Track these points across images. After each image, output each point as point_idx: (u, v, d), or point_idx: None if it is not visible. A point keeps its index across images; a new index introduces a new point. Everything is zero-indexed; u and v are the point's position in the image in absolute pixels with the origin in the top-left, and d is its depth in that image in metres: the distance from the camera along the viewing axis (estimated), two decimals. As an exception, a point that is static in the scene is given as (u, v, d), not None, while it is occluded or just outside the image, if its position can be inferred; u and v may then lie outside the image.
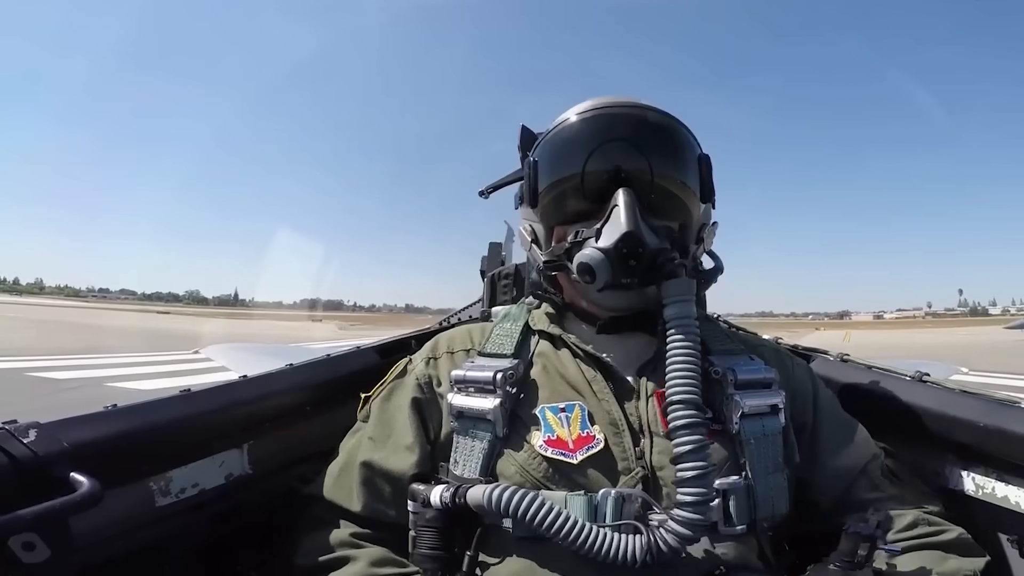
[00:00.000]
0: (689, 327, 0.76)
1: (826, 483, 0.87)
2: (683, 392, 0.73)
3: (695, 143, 0.90)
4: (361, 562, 0.80)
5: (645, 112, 0.88)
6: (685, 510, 0.69)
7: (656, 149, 0.85)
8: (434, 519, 0.77)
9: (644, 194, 0.83)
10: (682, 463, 0.71)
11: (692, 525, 0.69)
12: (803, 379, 0.94)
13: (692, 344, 0.76)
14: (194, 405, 0.91)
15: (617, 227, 0.78)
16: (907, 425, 1.00)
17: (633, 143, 0.85)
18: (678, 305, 0.77)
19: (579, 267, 0.81)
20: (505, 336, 0.93)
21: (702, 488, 0.70)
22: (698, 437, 0.71)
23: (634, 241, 0.78)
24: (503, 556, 0.76)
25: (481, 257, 2.19)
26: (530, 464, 0.79)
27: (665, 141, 0.88)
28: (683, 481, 0.71)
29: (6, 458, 0.62)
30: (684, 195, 0.87)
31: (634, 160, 0.84)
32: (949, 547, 0.78)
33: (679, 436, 0.72)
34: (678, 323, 0.77)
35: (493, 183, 1.25)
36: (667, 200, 0.85)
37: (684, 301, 0.78)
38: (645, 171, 0.84)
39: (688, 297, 0.78)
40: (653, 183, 0.84)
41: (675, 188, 0.86)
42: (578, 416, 0.81)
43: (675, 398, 0.73)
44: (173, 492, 0.86)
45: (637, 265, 0.79)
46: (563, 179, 0.87)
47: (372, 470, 0.87)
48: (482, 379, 0.83)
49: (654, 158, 0.84)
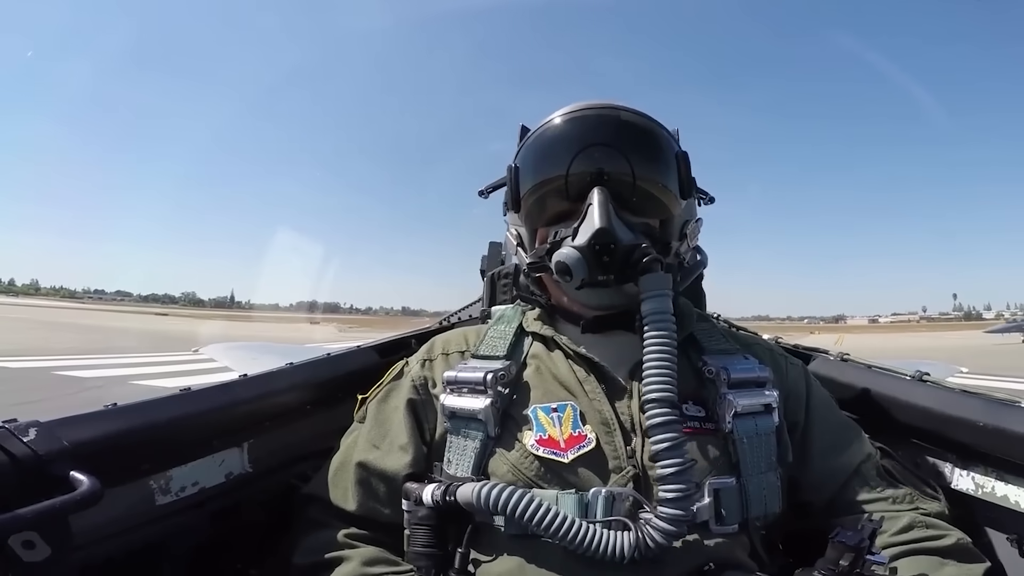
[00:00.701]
0: (665, 322, 0.77)
1: (819, 482, 0.87)
2: (658, 390, 0.73)
3: (672, 141, 0.91)
4: (354, 562, 0.81)
5: (619, 112, 0.88)
6: (667, 506, 0.70)
7: (632, 148, 0.85)
8: (427, 517, 0.78)
9: (623, 193, 0.83)
10: (660, 460, 0.72)
11: (675, 521, 0.70)
12: (797, 379, 0.94)
13: (668, 340, 0.76)
14: (194, 404, 0.91)
15: (590, 224, 0.79)
16: (907, 424, 1.00)
17: (609, 143, 0.85)
18: (654, 300, 0.78)
19: (557, 266, 0.82)
20: (499, 338, 0.94)
21: (681, 484, 0.71)
22: (673, 435, 0.72)
23: (607, 237, 0.78)
24: (495, 553, 0.77)
25: (481, 256, 2.19)
26: (522, 463, 0.79)
27: (641, 140, 0.88)
28: (663, 478, 0.71)
29: (6, 457, 0.63)
30: (662, 193, 0.87)
31: (611, 160, 0.84)
32: (947, 553, 0.77)
33: (655, 434, 0.73)
34: (654, 318, 0.77)
35: (493, 183, 1.25)
36: (646, 198, 0.86)
37: (660, 296, 0.78)
38: (622, 170, 0.84)
39: (664, 292, 0.78)
40: (633, 184, 0.84)
41: (652, 186, 0.86)
42: (570, 416, 0.82)
43: (650, 396, 0.74)
44: (173, 490, 0.86)
45: (611, 261, 0.79)
46: (542, 182, 0.88)
47: (367, 470, 0.87)
48: (473, 380, 0.84)
49: (630, 157, 0.84)
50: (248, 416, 1.01)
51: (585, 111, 0.89)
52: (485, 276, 1.80)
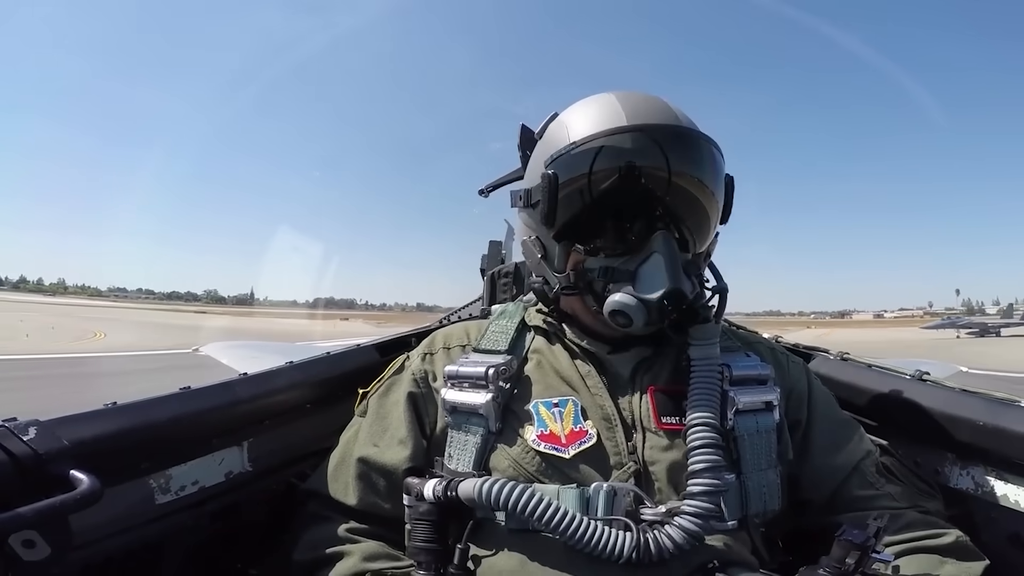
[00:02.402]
0: (711, 370, 0.80)
1: (818, 480, 0.87)
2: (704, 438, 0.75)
3: (723, 165, 0.86)
4: (355, 557, 0.81)
5: (686, 134, 0.83)
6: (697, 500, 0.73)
7: (694, 178, 0.82)
8: (428, 512, 0.78)
9: (678, 226, 0.82)
10: (695, 480, 0.74)
11: (701, 516, 0.72)
12: (798, 377, 0.94)
13: (713, 390, 0.79)
14: (194, 403, 0.91)
15: (659, 280, 0.77)
16: (907, 423, 1.00)
17: (670, 171, 0.79)
18: (704, 348, 0.80)
19: (613, 311, 0.79)
20: (500, 333, 0.93)
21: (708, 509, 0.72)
22: (717, 481, 0.74)
23: (678, 298, 0.77)
24: (496, 548, 0.77)
25: (481, 255, 2.18)
26: (523, 458, 0.80)
27: (703, 169, 0.83)
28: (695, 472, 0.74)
29: (6, 456, 0.63)
30: (712, 224, 0.86)
31: (676, 193, 0.80)
32: (946, 551, 0.77)
33: (699, 478, 0.74)
34: (702, 366, 0.80)
35: (493, 182, 1.24)
36: (698, 231, 0.85)
37: (709, 344, 0.81)
38: (682, 203, 0.81)
39: (713, 341, 0.81)
40: (690, 213, 0.83)
41: (707, 220, 0.85)
42: (571, 411, 0.82)
43: (697, 442, 0.75)
44: (173, 490, 0.86)
45: (675, 315, 0.79)
46: (588, 202, 0.82)
47: (367, 465, 0.88)
48: (474, 375, 0.84)
49: (692, 188, 0.82)
50: (248, 415, 1.00)
51: (644, 127, 0.81)
52: (485, 275, 1.80)
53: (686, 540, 0.70)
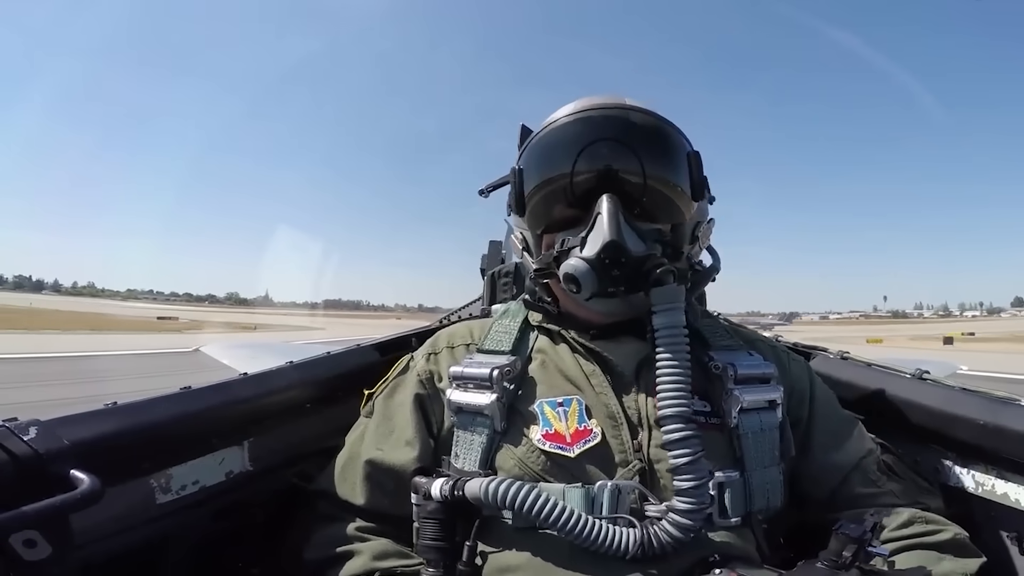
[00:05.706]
0: (677, 337, 0.77)
1: (820, 477, 0.87)
2: (673, 406, 0.74)
3: (684, 140, 0.88)
4: (365, 555, 0.82)
5: (628, 112, 0.85)
6: (684, 496, 0.72)
7: (643, 150, 0.83)
8: (435, 511, 0.78)
9: (633, 198, 0.82)
10: (679, 476, 0.73)
11: (692, 513, 0.72)
12: (800, 375, 0.94)
13: (680, 356, 0.76)
14: (194, 402, 0.91)
15: (600, 236, 0.78)
16: (907, 422, 1.01)
17: (618, 145, 0.83)
18: (666, 314, 0.77)
19: (564, 277, 0.81)
20: (504, 332, 0.94)
21: (697, 501, 0.72)
22: (690, 450, 0.73)
23: (617, 250, 0.77)
24: (503, 547, 0.78)
25: (481, 255, 2.18)
26: (528, 458, 0.80)
27: (651, 141, 0.85)
28: (676, 468, 0.73)
29: (7, 455, 0.62)
30: (675, 195, 0.85)
31: (621, 163, 0.82)
32: (944, 547, 0.78)
33: (674, 449, 0.73)
34: (665, 334, 0.77)
35: (493, 182, 1.24)
36: (658, 202, 0.84)
37: (672, 309, 0.77)
38: (633, 174, 0.82)
39: (676, 305, 0.78)
40: (643, 186, 0.82)
41: (665, 189, 0.85)
42: (575, 410, 0.82)
43: (666, 413, 0.74)
44: (174, 489, 0.86)
45: (621, 274, 0.78)
46: (548, 186, 0.86)
47: (375, 466, 0.88)
48: (479, 376, 0.84)
49: (642, 159, 0.82)
50: (248, 415, 1.00)
51: (590, 110, 0.86)
52: (485, 275, 1.80)
53: (682, 534, 0.71)
